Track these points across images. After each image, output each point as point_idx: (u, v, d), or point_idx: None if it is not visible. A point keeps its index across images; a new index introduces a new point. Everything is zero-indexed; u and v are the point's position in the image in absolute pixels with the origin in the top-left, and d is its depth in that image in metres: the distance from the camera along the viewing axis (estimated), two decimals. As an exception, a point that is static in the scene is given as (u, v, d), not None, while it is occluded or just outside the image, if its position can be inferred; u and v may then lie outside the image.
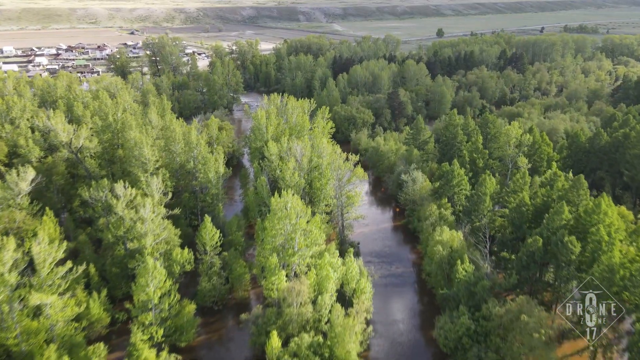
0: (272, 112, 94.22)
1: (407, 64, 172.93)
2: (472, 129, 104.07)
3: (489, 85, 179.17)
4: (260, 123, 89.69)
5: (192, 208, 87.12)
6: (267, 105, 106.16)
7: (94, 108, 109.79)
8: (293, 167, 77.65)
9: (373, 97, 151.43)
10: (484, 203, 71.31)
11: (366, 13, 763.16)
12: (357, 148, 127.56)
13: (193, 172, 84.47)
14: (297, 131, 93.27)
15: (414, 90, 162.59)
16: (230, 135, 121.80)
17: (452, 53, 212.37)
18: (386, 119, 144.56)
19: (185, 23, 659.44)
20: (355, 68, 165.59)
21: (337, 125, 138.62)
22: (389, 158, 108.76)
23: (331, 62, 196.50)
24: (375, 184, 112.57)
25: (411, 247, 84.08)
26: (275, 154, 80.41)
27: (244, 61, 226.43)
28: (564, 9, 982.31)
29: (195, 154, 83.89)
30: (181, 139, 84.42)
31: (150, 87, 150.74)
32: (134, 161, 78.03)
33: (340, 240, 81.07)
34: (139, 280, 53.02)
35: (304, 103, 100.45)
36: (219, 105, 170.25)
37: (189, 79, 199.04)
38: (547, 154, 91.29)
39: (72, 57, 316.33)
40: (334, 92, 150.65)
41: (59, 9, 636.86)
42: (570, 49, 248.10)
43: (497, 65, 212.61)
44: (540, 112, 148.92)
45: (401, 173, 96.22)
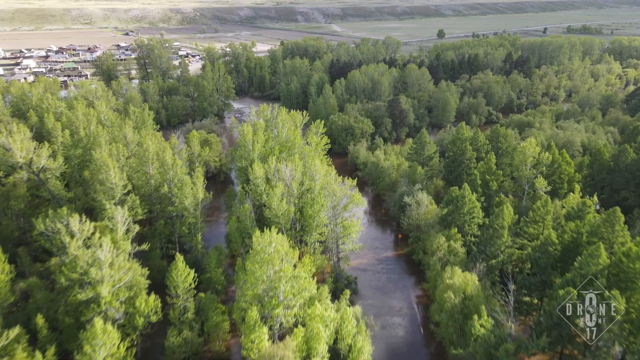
0: (260, 126, 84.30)
1: (409, 68, 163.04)
2: (481, 144, 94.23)
3: (495, 90, 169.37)
4: (245, 140, 79.81)
5: (169, 236, 77.32)
6: (255, 117, 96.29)
7: (67, 119, 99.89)
8: (281, 193, 67.85)
9: (372, 104, 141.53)
10: (501, 238, 61.45)
11: (365, 13, 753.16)
12: (355, 162, 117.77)
13: (169, 197, 74.58)
14: (287, 147, 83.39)
15: (416, 96, 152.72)
16: (217, 149, 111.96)
17: (456, 56, 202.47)
18: (386, 128, 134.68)
19: (182, 23, 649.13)
20: (353, 73, 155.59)
21: (333, 135, 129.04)
22: (390, 175, 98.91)
23: (328, 66, 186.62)
24: (375, 202, 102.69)
25: (416, 281, 74.23)
26: (261, 177, 70.56)
27: (238, 64, 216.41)
28: (564, 9, 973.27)
29: (171, 175, 73.98)
30: (155, 159, 74.51)
31: (134, 94, 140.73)
32: (98, 186, 68.10)
33: (335, 276, 71.24)
34: (84, 346, 43.20)
35: (296, 116, 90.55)
36: (209, 113, 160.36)
37: (179, 83, 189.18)
38: (567, 173, 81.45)
39: (61, 60, 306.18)
40: (330, 99, 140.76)
41: (53, 10, 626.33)
42: (578, 51, 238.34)
43: (502, 69, 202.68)
44: (552, 120, 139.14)
45: (404, 194, 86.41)
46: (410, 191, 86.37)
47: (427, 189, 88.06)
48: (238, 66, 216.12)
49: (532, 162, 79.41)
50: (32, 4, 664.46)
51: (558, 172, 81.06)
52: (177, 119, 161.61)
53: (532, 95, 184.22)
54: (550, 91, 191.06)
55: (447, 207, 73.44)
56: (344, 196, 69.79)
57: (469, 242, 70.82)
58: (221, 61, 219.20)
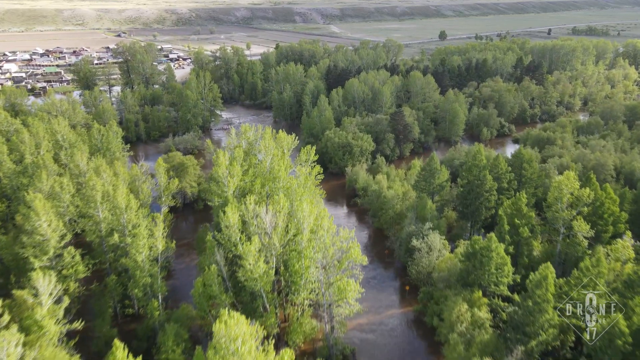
0: (238, 155, 69.65)
1: (413, 76, 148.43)
2: (502, 172, 79.67)
3: (506, 100, 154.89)
4: (219, 173, 65.24)
5: (125, 292, 62.74)
6: (235, 139, 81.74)
7: (17, 140, 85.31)
8: (258, 249, 53.33)
9: (373, 118, 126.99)
10: (544, 314, 46.92)
11: (364, 14, 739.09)
12: (353, 185, 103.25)
13: (123, 247, 60.06)
14: (272, 179, 68.72)
15: (421, 108, 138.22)
16: (195, 172, 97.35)
17: (462, 61, 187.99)
18: (389, 145, 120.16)
19: (177, 24, 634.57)
20: (352, 82, 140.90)
21: (329, 154, 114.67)
22: (394, 206, 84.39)
23: (325, 72, 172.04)
24: (377, 238, 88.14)
25: (429, 350, 59.76)
26: (234, 224, 56.01)
27: (228, 70, 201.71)
28: (566, 10, 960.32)
29: (124, 221, 59.38)
30: (105, 199, 60.00)
31: (106, 106, 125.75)
32: (25, 239, 53.51)
33: (328, 349, 56.70)
34: None
35: (285, 139, 75.87)
36: (193, 125, 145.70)
37: (163, 91, 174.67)
38: (611, 213, 66.91)
39: (45, 63, 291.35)
40: (326, 111, 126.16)
41: (44, 10, 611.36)
42: (591, 55, 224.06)
43: (512, 75, 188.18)
44: (573, 135, 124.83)
45: (412, 235, 71.92)
46: (419, 231, 71.88)
47: (439, 228, 73.61)
48: (229, 72, 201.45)
49: (570, 200, 64.94)
50: (23, 5, 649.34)
51: (600, 211, 66.54)
52: (159, 132, 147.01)
53: (546, 104, 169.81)
54: (564, 99, 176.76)
55: (467, 261, 58.92)
56: (338, 250, 55.26)
57: (495, 305, 56.37)
58: (211, 66, 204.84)
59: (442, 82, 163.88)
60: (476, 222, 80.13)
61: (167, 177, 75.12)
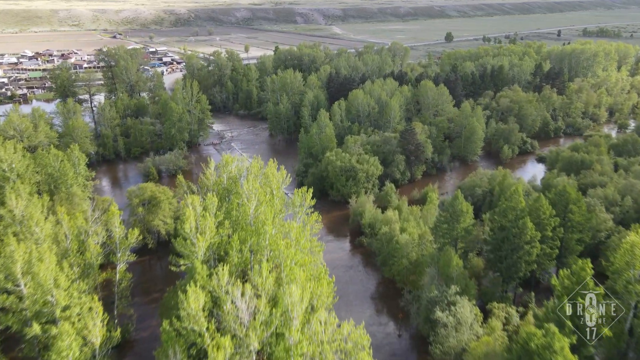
0: (211, 203, 54.16)
1: (424, 86, 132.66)
2: (545, 216, 64.07)
3: (527, 111, 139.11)
4: (184, 228, 49.89)
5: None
6: (214, 173, 66.46)
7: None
8: (230, 354, 38.03)
9: (380, 136, 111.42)
10: None
11: (367, 14, 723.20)
12: (358, 220, 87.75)
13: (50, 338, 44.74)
14: (256, 233, 53.05)
15: (434, 122, 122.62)
16: (168, 207, 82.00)
17: (475, 68, 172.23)
18: (399, 168, 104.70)
19: (175, 25, 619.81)
20: (355, 93, 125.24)
21: (330, 179, 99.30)
22: (408, 254, 69.00)
23: (326, 80, 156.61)
24: (388, 290, 72.71)
25: None
26: (197, 311, 40.71)
27: (222, 76, 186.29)
28: (572, 10, 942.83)
29: (54, 300, 44.09)
30: (27, 270, 44.72)
31: (77, 122, 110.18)
32: None
33: None
34: None
35: (274, 176, 60.38)
36: (179, 140, 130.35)
37: (148, 101, 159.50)
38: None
39: (32, 67, 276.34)
40: (326, 128, 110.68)
41: (39, 11, 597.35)
42: (613, 60, 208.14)
43: (531, 83, 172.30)
44: (609, 155, 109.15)
45: (434, 303, 56.47)
46: (442, 297, 56.47)
47: (468, 292, 58.18)
48: (222, 78, 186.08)
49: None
50: (18, 5, 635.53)
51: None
52: (140, 149, 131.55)
53: (570, 116, 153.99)
54: (588, 110, 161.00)
55: (520, 350, 43.42)
56: (342, 352, 39.85)
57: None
58: (204, 72, 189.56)
59: (455, 92, 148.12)
60: (512, 278, 64.70)
61: (136, 217, 59.57)
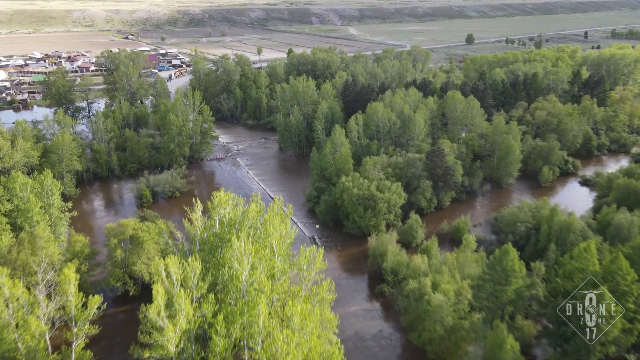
0: (191, 274, 41.19)
1: (451, 97, 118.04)
2: (626, 283, 49.73)
3: (567, 125, 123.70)
4: (150, 316, 36.95)
5: None
6: (202, 220, 53.57)
7: None
8: None
9: (403, 157, 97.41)
10: None
11: (384, 15, 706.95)
12: (378, 262, 74.05)
13: None
14: (247, 313, 39.78)
15: (464, 140, 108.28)
16: (155, 247, 69.46)
17: (506, 75, 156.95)
18: (424, 195, 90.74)
19: (189, 26, 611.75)
20: (375, 107, 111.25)
21: (345, 208, 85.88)
22: (443, 320, 55.22)
23: (341, 89, 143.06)
24: (416, 356, 59.06)
25: None
26: None
27: (230, 83, 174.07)
28: (596, 10, 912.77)
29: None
30: None
31: (62, 139, 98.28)
32: None
33: None
34: None
35: (272, 231, 47.18)
36: (178, 156, 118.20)
37: (149, 110, 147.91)
38: None
39: (38, 70, 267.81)
40: (342, 147, 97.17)
41: (53, 11, 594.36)
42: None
43: (568, 93, 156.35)
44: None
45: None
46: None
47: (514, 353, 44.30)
48: (230, 85, 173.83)
49: None
50: (33, 5, 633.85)
51: None
52: (137, 164, 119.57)
53: (614, 131, 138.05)
54: (633, 123, 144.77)
55: None
56: None
57: None
58: (212, 77, 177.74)
59: (484, 102, 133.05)
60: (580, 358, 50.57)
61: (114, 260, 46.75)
